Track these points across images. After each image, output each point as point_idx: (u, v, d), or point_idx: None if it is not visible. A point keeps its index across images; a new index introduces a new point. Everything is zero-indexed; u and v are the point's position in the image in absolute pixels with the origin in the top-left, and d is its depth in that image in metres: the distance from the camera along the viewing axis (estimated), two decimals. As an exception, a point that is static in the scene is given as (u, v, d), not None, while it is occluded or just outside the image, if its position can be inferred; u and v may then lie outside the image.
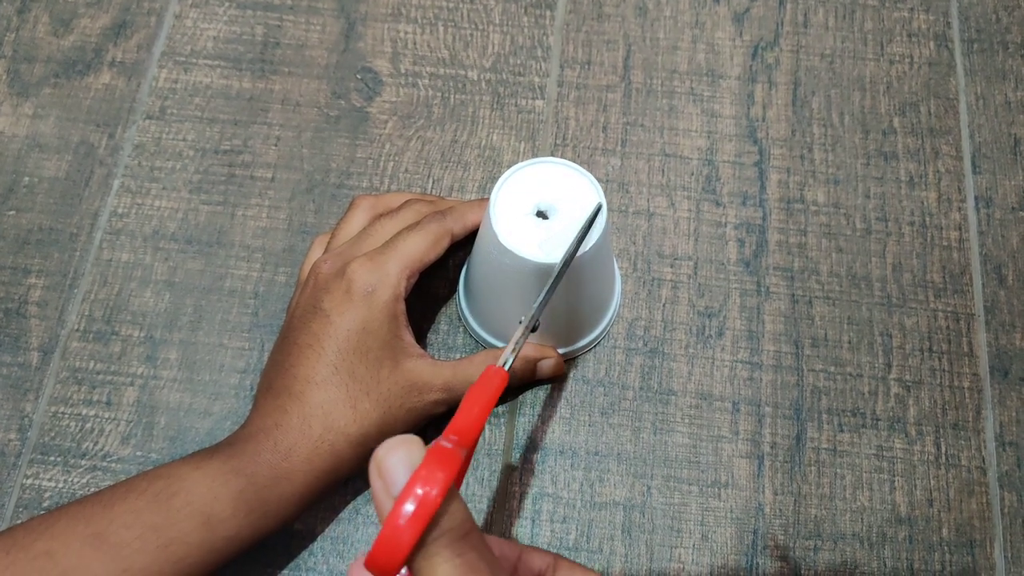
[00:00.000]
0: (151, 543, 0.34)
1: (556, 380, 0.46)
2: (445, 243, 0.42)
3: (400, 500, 0.26)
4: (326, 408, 0.38)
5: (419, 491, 0.26)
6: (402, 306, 0.41)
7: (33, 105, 0.52)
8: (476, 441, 0.30)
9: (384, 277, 0.40)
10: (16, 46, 0.53)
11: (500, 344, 0.45)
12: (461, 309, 0.47)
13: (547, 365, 0.44)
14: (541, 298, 0.36)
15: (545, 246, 0.39)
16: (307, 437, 0.38)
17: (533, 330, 0.37)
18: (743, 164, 0.50)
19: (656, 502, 0.43)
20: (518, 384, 0.45)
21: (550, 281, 0.37)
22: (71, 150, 0.51)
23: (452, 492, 0.27)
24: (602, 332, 0.46)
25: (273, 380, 0.40)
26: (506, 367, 0.33)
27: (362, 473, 0.42)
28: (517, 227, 0.40)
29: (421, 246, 0.41)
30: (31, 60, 0.53)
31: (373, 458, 0.27)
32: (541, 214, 0.40)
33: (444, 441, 0.28)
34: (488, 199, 0.44)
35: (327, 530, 0.43)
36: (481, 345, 0.46)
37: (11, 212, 0.49)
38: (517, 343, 0.35)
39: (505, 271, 0.40)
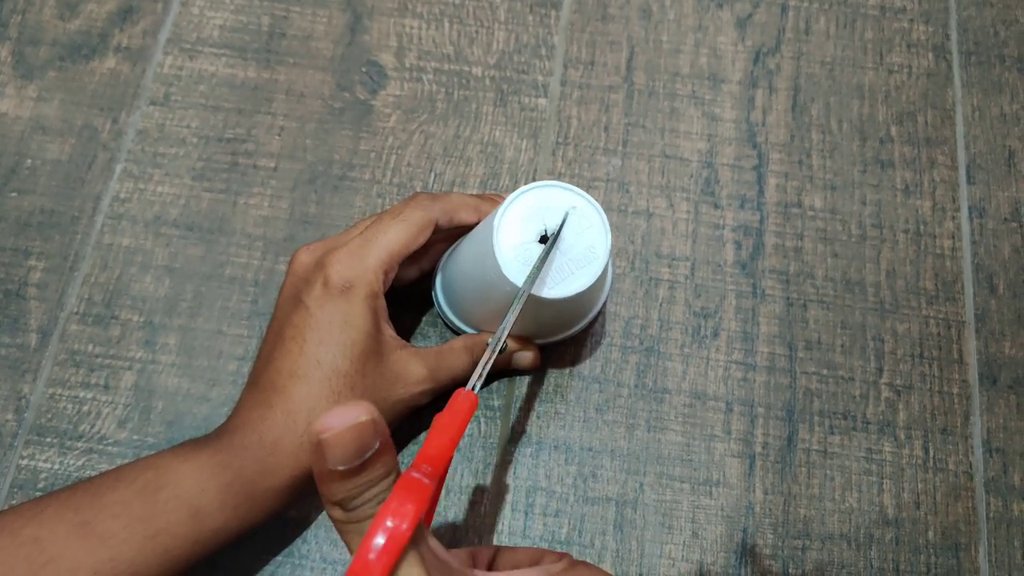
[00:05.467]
0: (138, 534, 0.34)
1: (533, 371, 0.46)
2: (428, 232, 0.41)
3: (370, 533, 0.26)
4: (310, 403, 0.38)
5: (389, 524, 0.26)
6: (382, 301, 0.40)
7: (37, 88, 0.52)
8: (447, 469, 0.31)
9: (361, 272, 0.39)
10: (22, 28, 0.54)
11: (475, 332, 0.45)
12: (438, 301, 0.46)
13: (524, 358, 0.45)
14: (508, 321, 0.37)
15: (547, 279, 0.39)
16: (292, 432, 0.38)
17: (501, 351, 0.37)
18: (742, 168, 0.51)
19: (648, 499, 0.44)
20: (493, 373, 0.45)
21: (515, 305, 0.37)
22: (74, 134, 0.51)
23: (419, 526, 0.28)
24: (585, 326, 0.46)
25: (259, 373, 0.40)
26: (475, 390, 0.33)
27: None
28: (520, 256, 0.39)
29: (402, 236, 0.40)
30: (36, 43, 0.53)
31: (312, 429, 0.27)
32: (544, 240, 0.40)
33: (414, 472, 0.28)
34: (486, 197, 0.44)
35: (321, 518, 0.43)
36: (456, 333, 0.47)
37: (13, 194, 0.49)
38: (485, 366, 0.35)
39: (500, 293, 0.40)
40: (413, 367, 0.41)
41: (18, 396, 0.45)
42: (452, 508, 0.44)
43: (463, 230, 0.44)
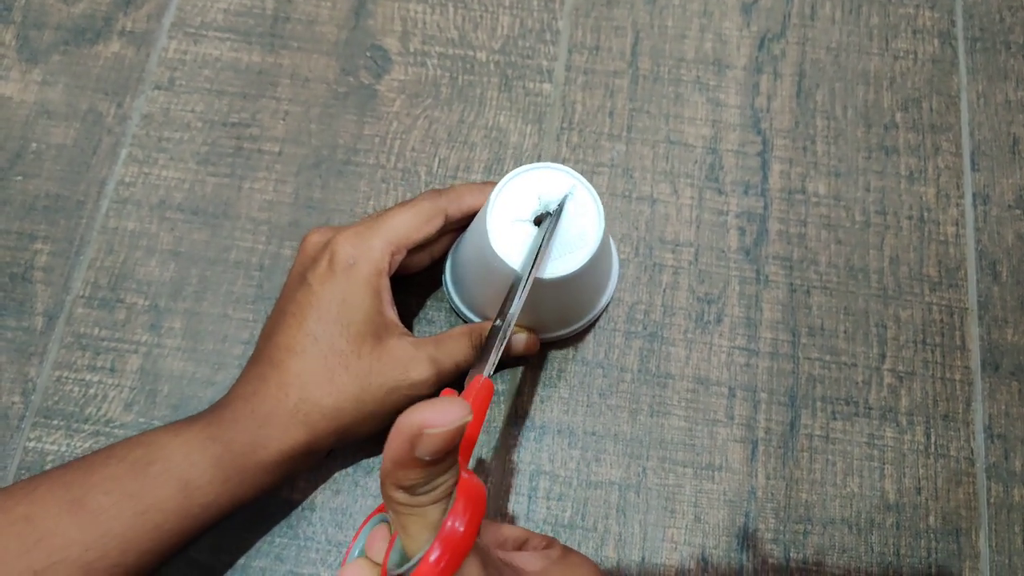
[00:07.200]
0: (128, 509, 0.35)
1: (530, 357, 0.46)
2: (438, 222, 0.42)
3: (439, 538, 0.28)
4: (303, 378, 0.38)
5: (457, 526, 0.28)
6: (386, 282, 0.40)
7: (42, 72, 0.52)
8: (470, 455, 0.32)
9: (367, 251, 0.40)
10: (26, 12, 0.53)
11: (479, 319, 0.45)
12: (447, 285, 0.47)
13: (521, 341, 0.44)
14: (515, 306, 0.37)
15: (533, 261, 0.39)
16: (283, 406, 0.38)
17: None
18: (746, 154, 0.51)
19: (651, 483, 0.44)
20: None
21: (520, 289, 0.37)
22: (79, 118, 0.51)
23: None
24: (588, 323, 0.46)
25: (260, 349, 0.40)
26: (489, 376, 0.34)
27: (345, 446, 0.42)
28: (511, 233, 0.40)
29: (410, 222, 0.41)
30: (41, 27, 0.53)
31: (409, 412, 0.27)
32: (539, 221, 0.40)
33: (465, 473, 0.29)
34: (491, 183, 0.44)
35: (326, 500, 0.44)
36: (463, 320, 0.47)
37: (18, 178, 0.49)
38: (496, 351, 0.35)
39: (493, 272, 0.40)
40: (412, 355, 0.40)
41: (25, 379, 0.45)
42: (456, 491, 0.44)
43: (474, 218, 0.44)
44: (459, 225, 0.44)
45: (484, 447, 0.45)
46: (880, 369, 0.47)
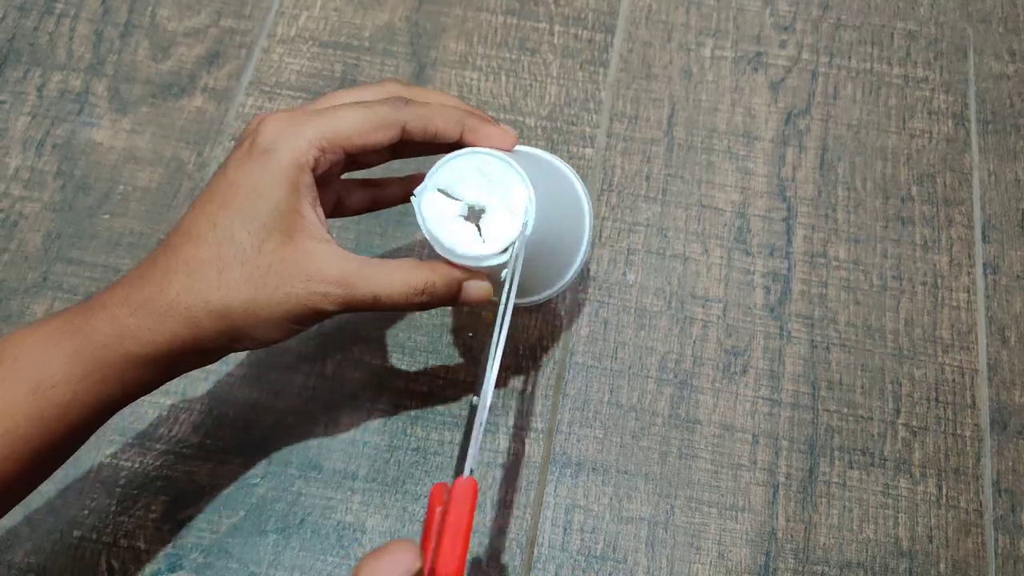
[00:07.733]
0: None
1: (481, 305, 0.43)
2: (390, 134, 0.37)
3: None
4: (192, 265, 0.35)
5: None
6: (308, 178, 0.36)
7: (131, 121, 0.57)
8: (465, 554, 0.31)
9: (291, 138, 0.35)
10: (117, 67, 0.59)
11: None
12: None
13: (475, 288, 0.39)
14: (488, 379, 0.35)
15: (482, 246, 0.37)
16: (163, 293, 0.34)
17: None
18: (772, 219, 0.55)
19: (678, 520, 0.47)
20: (439, 305, 0.39)
21: (494, 358, 0.35)
22: (163, 164, 0.56)
23: None
24: (565, 285, 0.45)
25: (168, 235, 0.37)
26: (473, 474, 0.32)
27: (244, 350, 0.39)
28: (450, 231, 0.37)
29: (356, 122, 0.36)
30: (131, 81, 0.58)
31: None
32: (472, 214, 0.38)
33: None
34: (477, 112, 0.40)
35: (377, 524, 0.47)
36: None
37: (106, 216, 0.54)
38: (478, 441, 0.33)
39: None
40: (325, 264, 0.35)
41: (104, 400, 0.49)
42: (497, 521, 0.47)
43: (444, 146, 0.39)
44: (425, 149, 0.40)
45: (524, 480, 0.48)
46: (895, 423, 0.50)
